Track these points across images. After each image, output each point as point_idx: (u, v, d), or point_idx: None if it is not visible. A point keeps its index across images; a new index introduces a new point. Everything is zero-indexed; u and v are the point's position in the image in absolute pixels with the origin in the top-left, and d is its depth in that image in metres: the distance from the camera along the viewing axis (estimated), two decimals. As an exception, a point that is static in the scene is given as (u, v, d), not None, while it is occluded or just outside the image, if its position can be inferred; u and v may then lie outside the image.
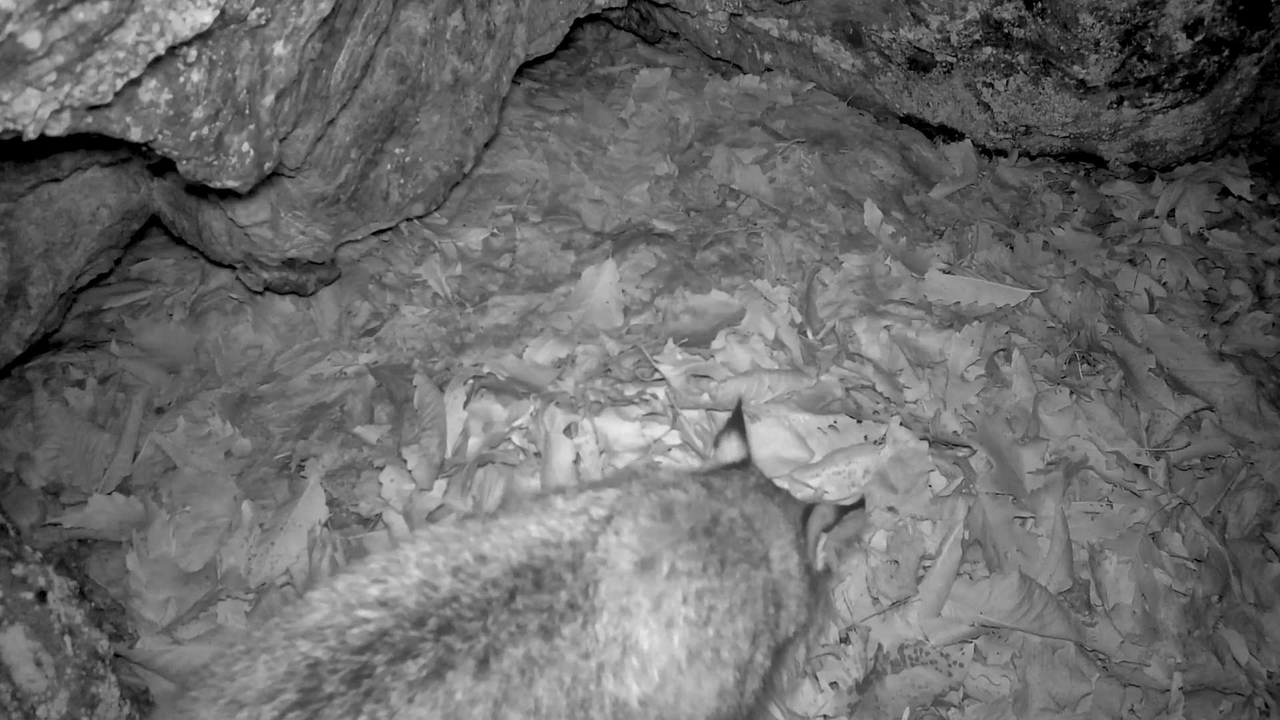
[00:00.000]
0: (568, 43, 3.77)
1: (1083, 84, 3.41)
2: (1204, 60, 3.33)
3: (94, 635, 1.91)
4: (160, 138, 1.84)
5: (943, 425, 2.72)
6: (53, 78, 1.50)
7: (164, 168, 2.60)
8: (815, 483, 2.52)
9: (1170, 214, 3.59)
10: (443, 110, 2.92)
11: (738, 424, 1.81)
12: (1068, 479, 2.65)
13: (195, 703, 1.24)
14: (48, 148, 2.37)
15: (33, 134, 1.54)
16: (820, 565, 1.69)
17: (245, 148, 2.05)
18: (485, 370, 2.77)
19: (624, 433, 2.59)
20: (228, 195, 2.53)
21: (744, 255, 3.20)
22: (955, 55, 3.51)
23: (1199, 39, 3.26)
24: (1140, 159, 3.68)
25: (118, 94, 1.63)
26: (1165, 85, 3.39)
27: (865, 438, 2.61)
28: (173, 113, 1.82)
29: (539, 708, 1.28)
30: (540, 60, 3.64)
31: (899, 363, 2.83)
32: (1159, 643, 2.46)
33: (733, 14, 3.76)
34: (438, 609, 1.30)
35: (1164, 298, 3.28)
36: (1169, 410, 2.89)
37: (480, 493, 2.49)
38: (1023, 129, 3.65)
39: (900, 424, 2.61)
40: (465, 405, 2.64)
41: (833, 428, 2.62)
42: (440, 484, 2.51)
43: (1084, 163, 3.80)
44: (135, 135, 1.79)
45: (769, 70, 3.91)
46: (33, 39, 1.42)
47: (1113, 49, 3.28)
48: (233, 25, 1.86)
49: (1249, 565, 2.65)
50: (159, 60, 1.68)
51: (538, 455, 2.55)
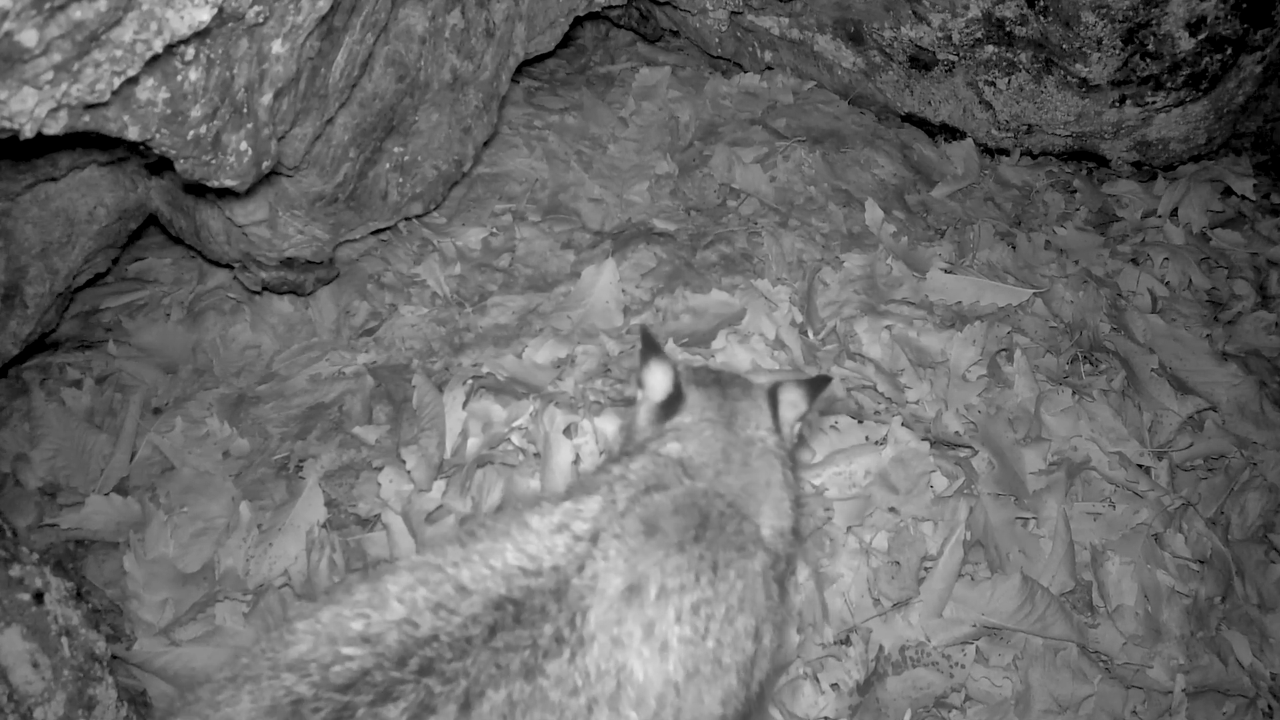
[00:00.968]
0: (567, 41, 3.77)
1: (1085, 82, 3.40)
2: (1207, 59, 3.32)
3: (91, 636, 1.90)
4: (158, 136, 1.83)
5: (944, 425, 2.71)
6: (50, 76, 1.49)
7: (162, 167, 2.59)
8: (816, 483, 2.52)
9: (1173, 213, 3.58)
10: (442, 109, 2.91)
11: (652, 349, 1.75)
12: (1070, 479, 2.64)
13: None
14: (45, 146, 2.36)
15: (30, 133, 1.54)
16: (794, 442, 1.77)
17: (243, 146, 2.04)
18: (484, 370, 2.76)
19: (624, 433, 2.58)
20: (225, 194, 2.52)
21: (744, 255, 3.18)
22: (957, 53, 3.50)
23: (1202, 37, 3.25)
24: (1143, 158, 3.67)
25: (115, 93, 1.62)
26: (1168, 84, 3.38)
27: (866, 438, 2.60)
28: (170, 111, 1.81)
29: None
30: (540, 58, 3.62)
31: (900, 363, 2.82)
32: (1162, 644, 2.46)
33: (733, 12, 3.75)
34: (419, 648, 1.27)
35: (1167, 297, 3.27)
36: (1172, 411, 2.89)
37: (479, 493, 2.49)
38: (1025, 128, 3.63)
39: (902, 424, 2.60)
40: (464, 405, 2.63)
41: (834, 428, 2.61)
42: (439, 485, 2.50)
43: (1086, 162, 3.79)
44: (133, 134, 1.78)
45: (770, 69, 3.90)
46: (30, 37, 1.41)
47: (1115, 47, 3.27)
48: (231, 23, 1.85)
49: (1252, 566, 2.64)
50: (156, 59, 1.67)
51: (537, 456, 2.54)
